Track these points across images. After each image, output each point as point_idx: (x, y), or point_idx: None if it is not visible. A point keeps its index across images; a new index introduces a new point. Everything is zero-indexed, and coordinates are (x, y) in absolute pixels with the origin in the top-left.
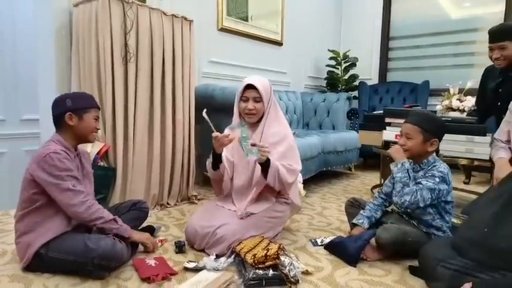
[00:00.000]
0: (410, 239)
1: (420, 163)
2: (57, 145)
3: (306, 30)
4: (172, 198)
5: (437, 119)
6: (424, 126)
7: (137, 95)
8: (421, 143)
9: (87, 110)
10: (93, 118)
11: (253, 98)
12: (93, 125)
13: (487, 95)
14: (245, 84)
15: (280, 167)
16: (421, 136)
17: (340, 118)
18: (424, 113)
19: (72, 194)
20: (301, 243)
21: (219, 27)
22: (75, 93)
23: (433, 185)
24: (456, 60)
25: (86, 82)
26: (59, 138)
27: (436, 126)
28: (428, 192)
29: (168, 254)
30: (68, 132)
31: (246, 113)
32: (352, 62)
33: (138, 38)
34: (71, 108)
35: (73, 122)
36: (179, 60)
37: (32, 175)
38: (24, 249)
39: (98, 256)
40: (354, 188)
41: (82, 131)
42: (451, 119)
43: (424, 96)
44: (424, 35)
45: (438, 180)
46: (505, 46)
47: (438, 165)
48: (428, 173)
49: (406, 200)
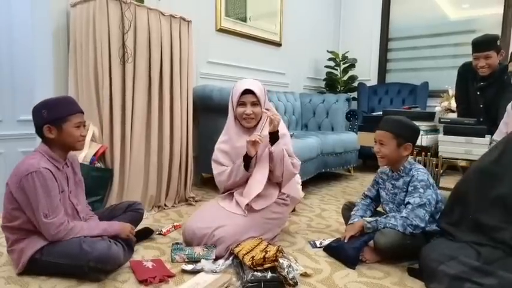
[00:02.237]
0: (409, 242)
1: (398, 170)
2: (42, 157)
3: (305, 31)
4: (170, 199)
5: (408, 123)
6: (396, 132)
7: (135, 96)
8: (395, 148)
9: (66, 119)
10: (75, 126)
11: (250, 102)
12: (76, 134)
13: (469, 94)
14: (242, 89)
15: (286, 155)
16: (394, 141)
17: (339, 119)
18: (395, 119)
19: (43, 226)
20: (300, 245)
21: (217, 28)
22: (52, 101)
23: (420, 200)
24: (455, 61)
25: (83, 82)
26: (46, 149)
27: (408, 130)
28: (420, 209)
29: (165, 256)
30: (52, 143)
31: (244, 118)
32: (351, 63)
33: (136, 38)
34: (48, 120)
35: (53, 135)
36: (177, 61)
37: (11, 191)
38: (18, 256)
39: (94, 259)
40: (353, 189)
41: (65, 142)
42: (450, 120)
43: (423, 97)
44: (423, 36)
45: (422, 190)
46: (490, 55)
47: (416, 174)
48: (410, 186)
49: (408, 230)
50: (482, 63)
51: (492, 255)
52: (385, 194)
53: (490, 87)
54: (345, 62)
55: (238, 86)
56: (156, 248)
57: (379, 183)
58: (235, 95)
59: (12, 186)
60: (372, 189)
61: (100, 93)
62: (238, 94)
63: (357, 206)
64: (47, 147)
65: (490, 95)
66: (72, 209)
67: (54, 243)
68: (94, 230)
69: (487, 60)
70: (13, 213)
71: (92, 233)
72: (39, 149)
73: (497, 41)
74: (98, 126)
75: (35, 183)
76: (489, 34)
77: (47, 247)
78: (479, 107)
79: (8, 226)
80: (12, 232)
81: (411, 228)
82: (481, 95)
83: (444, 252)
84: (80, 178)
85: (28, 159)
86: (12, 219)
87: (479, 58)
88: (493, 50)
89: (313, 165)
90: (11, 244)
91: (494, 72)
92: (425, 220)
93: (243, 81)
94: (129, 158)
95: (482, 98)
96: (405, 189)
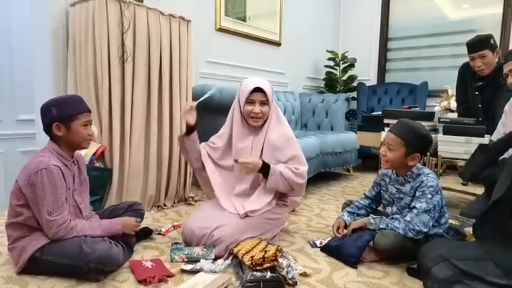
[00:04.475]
0: (410, 245)
1: (404, 175)
2: (52, 155)
3: (305, 30)
4: (169, 199)
5: (423, 133)
6: (407, 140)
7: (134, 95)
8: (402, 156)
9: (75, 118)
10: (83, 125)
11: (260, 101)
12: (83, 132)
13: (468, 94)
14: (252, 87)
15: (286, 170)
16: (404, 149)
17: (338, 119)
18: (411, 126)
19: (45, 223)
20: (300, 245)
21: (216, 28)
22: (61, 99)
23: (427, 206)
24: (454, 61)
25: (82, 82)
26: (54, 146)
27: (421, 142)
28: (425, 214)
29: (164, 255)
30: (60, 141)
31: (251, 116)
32: (351, 63)
33: (135, 38)
34: (57, 118)
35: (61, 132)
36: (176, 60)
37: (20, 186)
38: (19, 254)
39: (94, 260)
40: (352, 189)
41: (73, 140)
42: (450, 120)
43: (423, 97)
44: (423, 36)
45: (430, 196)
46: (485, 54)
47: (426, 180)
48: (418, 192)
49: (410, 235)
50: (478, 63)
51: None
52: (387, 196)
53: (488, 86)
54: (345, 61)
55: (247, 83)
56: (155, 248)
57: (381, 185)
58: (244, 93)
59: (21, 182)
60: (372, 191)
61: (99, 93)
62: (248, 92)
63: (352, 205)
64: (56, 145)
65: (487, 95)
66: (75, 207)
67: (55, 242)
68: (96, 229)
69: (482, 60)
70: (18, 209)
71: (94, 232)
72: (48, 147)
73: (490, 40)
74: (97, 125)
75: (43, 180)
76: (481, 34)
77: (48, 246)
78: (477, 106)
79: (13, 222)
80: (16, 229)
81: (413, 233)
82: (479, 94)
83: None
84: (85, 177)
85: (38, 156)
86: (16, 215)
87: (475, 58)
88: (487, 49)
89: (312, 165)
90: (13, 241)
91: (494, 71)
92: (428, 226)
93: (251, 79)
94: (128, 157)
95: (480, 97)
96: (412, 195)
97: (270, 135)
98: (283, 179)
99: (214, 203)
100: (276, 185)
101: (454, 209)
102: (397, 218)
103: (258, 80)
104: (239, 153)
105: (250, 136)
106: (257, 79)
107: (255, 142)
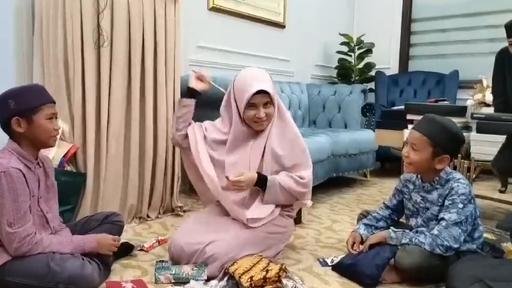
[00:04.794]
0: (438, 263)
1: (431, 181)
2: (12, 156)
3: (314, 10)
4: (153, 209)
5: (453, 130)
6: (435, 138)
7: (112, 86)
8: (429, 158)
9: (37, 110)
10: (47, 118)
11: (263, 103)
12: (48, 126)
13: (507, 85)
14: (253, 91)
15: (287, 180)
16: (430, 149)
17: (353, 114)
18: (438, 121)
19: (5, 236)
20: (307, 263)
21: (209, 7)
22: (19, 89)
23: (458, 217)
24: (491, 46)
25: (50, 70)
26: (15, 146)
27: (451, 141)
28: (455, 227)
29: (148, 276)
30: (21, 139)
31: (255, 121)
32: (368, 48)
33: (113, 18)
34: (16, 111)
35: (22, 128)
36: (162, 46)
37: None
38: None
39: (64, 280)
40: (369, 197)
41: (36, 137)
42: (485, 116)
43: (453, 88)
44: (453, 17)
45: (462, 206)
46: None
47: (456, 187)
48: (447, 200)
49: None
50: None
51: None
52: (411, 205)
53: None
54: (360, 46)
55: (245, 83)
56: (136, 267)
57: (404, 192)
58: (244, 97)
59: None
60: (393, 200)
61: (71, 83)
62: (248, 96)
63: (370, 215)
64: (16, 144)
65: None
66: (41, 217)
67: (18, 260)
68: (66, 246)
69: None
70: None
71: (64, 249)
72: (6, 147)
73: None
74: (68, 121)
75: (2, 186)
76: None
77: (10, 264)
78: None
79: None
80: None
81: (441, 249)
82: None
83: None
84: (52, 182)
85: None
86: None
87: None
88: None
89: (322, 169)
90: None
91: None
92: (459, 241)
93: (248, 75)
94: (105, 160)
95: None
96: (440, 204)
97: (273, 137)
98: (283, 190)
99: (207, 213)
100: (275, 197)
101: (489, 221)
102: (422, 231)
103: (257, 77)
104: (234, 162)
105: (251, 141)
106: (254, 74)
107: (254, 146)
